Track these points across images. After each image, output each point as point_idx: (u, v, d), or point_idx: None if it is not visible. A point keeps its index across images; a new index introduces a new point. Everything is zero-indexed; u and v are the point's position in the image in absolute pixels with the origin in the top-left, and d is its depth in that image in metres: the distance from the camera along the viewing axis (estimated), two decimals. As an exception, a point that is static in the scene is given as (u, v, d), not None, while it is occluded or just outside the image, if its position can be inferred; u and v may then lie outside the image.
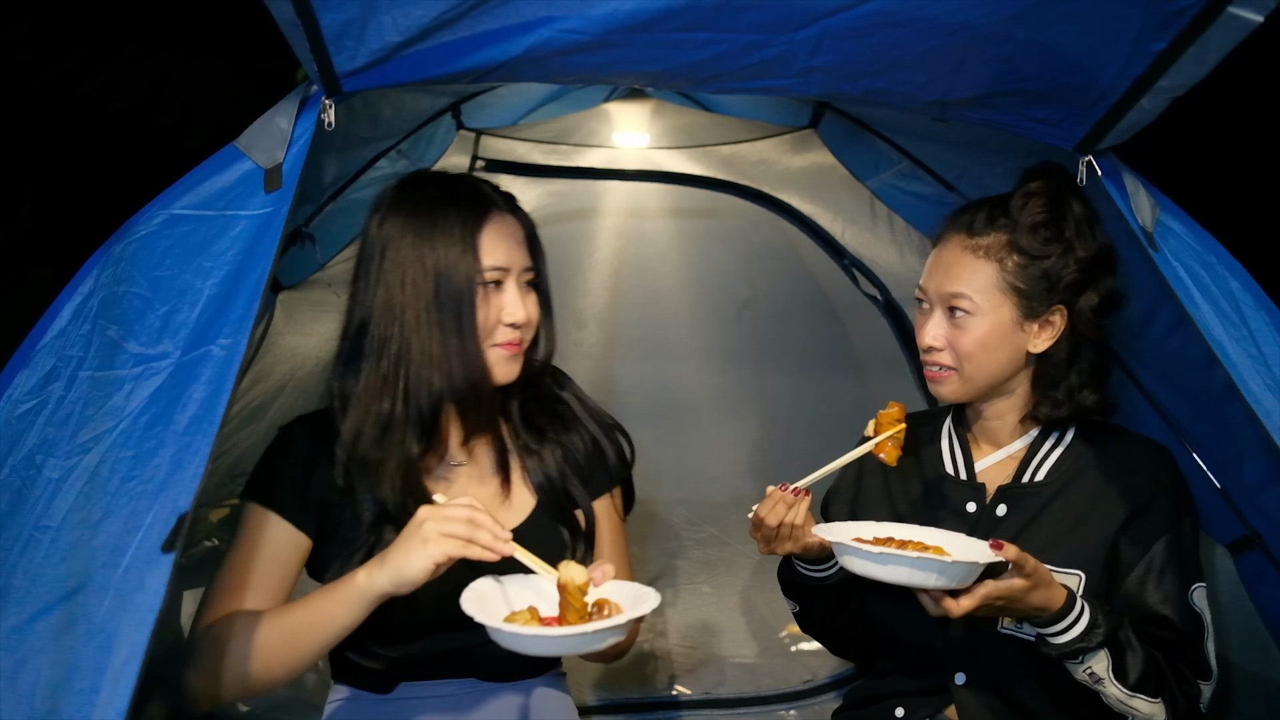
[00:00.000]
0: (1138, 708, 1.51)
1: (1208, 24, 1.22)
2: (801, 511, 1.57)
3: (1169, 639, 1.56)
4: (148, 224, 1.33)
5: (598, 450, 1.69)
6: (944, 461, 1.74)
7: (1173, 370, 1.75)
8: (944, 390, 1.65)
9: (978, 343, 1.60)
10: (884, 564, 1.41)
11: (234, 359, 1.19)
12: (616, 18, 1.26)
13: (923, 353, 1.65)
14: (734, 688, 2.63)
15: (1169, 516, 1.59)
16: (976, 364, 1.61)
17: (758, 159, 2.72)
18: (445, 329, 1.49)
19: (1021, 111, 1.48)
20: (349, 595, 1.36)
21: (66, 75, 4.08)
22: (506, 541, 1.34)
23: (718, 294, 3.19)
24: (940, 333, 1.62)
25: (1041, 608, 1.45)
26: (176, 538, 1.10)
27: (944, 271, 1.62)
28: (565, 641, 1.31)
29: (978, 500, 1.67)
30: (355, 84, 1.35)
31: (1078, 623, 1.47)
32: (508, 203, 1.59)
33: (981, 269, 1.60)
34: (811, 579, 1.73)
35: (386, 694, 1.58)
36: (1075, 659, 1.49)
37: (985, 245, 1.60)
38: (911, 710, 1.67)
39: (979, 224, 1.62)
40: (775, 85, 1.44)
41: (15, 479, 1.21)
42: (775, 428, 3.24)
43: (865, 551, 1.42)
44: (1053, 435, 1.69)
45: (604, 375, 3.19)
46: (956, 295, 1.60)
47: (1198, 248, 1.49)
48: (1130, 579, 1.58)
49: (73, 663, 1.06)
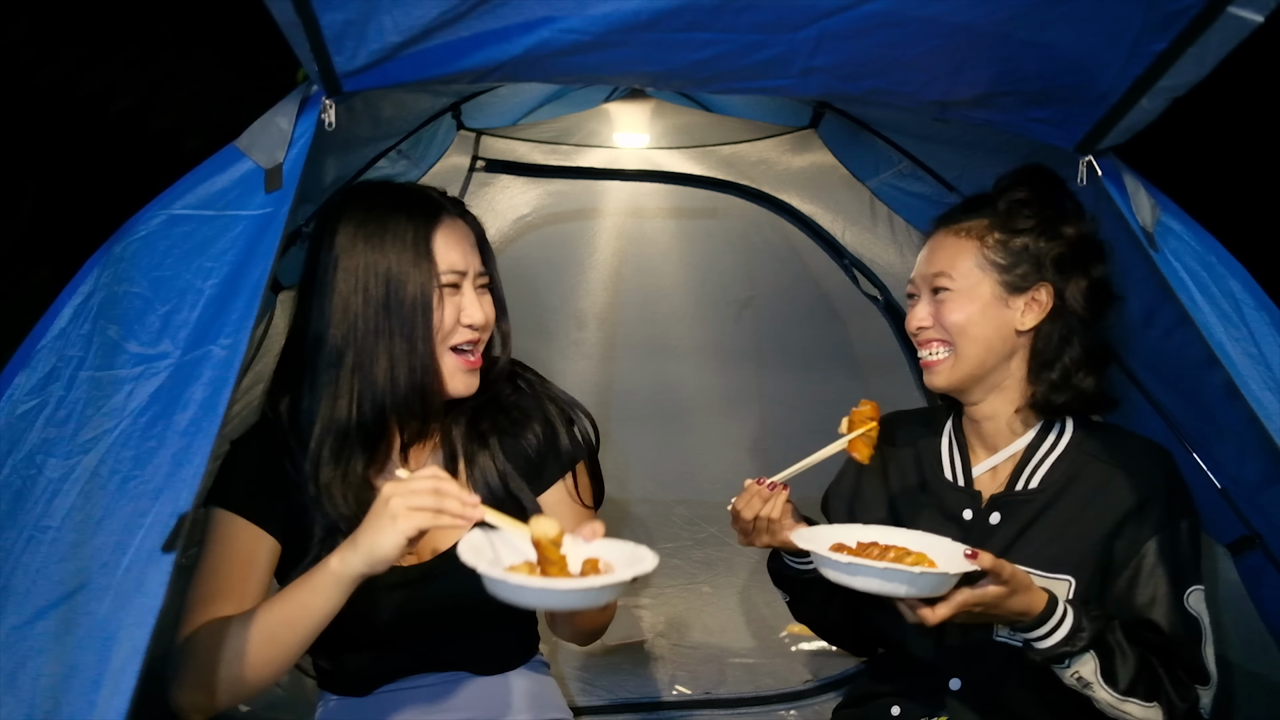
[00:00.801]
0: (1130, 712, 1.50)
1: (1208, 24, 1.22)
2: (778, 506, 1.59)
3: (1159, 643, 1.54)
4: (148, 224, 1.33)
5: (550, 437, 1.67)
6: (943, 465, 1.74)
7: (1173, 370, 1.75)
8: (938, 378, 1.66)
9: (964, 315, 1.62)
10: (854, 575, 1.40)
11: (234, 359, 1.20)
12: (617, 18, 1.26)
13: (914, 338, 1.69)
14: (734, 688, 2.63)
15: (1160, 518, 1.58)
16: (967, 338, 1.62)
17: (758, 159, 2.73)
18: (397, 335, 1.49)
19: (1022, 111, 1.48)
20: (324, 583, 1.33)
21: (67, 75, 4.08)
22: (475, 506, 1.30)
23: (718, 294, 3.19)
24: (926, 313, 1.66)
25: (1022, 613, 1.45)
26: (176, 538, 1.10)
27: (928, 257, 1.68)
28: (569, 596, 1.25)
29: (973, 507, 1.67)
30: (356, 84, 1.35)
31: (1059, 627, 1.46)
32: (457, 207, 1.60)
33: (963, 248, 1.65)
34: (797, 571, 1.76)
35: (366, 695, 1.61)
36: (1060, 663, 1.48)
37: (967, 227, 1.66)
38: (907, 711, 1.67)
39: (961, 211, 1.70)
40: (775, 85, 1.44)
41: (15, 479, 1.21)
42: (775, 428, 3.24)
43: (835, 562, 1.41)
44: (1049, 436, 1.67)
45: (604, 375, 3.19)
46: (938, 274, 1.64)
47: (1198, 248, 1.49)
48: (1119, 581, 1.57)
49: (73, 663, 1.06)
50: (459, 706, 1.62)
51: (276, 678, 1.41)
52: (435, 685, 1.61)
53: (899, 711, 1.68)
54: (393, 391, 1.50)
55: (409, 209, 1.53)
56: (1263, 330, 1.45)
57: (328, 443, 1.50)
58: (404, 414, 1.53)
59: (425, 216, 1.53)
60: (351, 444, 1.51)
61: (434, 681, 1.61)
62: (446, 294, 1.52)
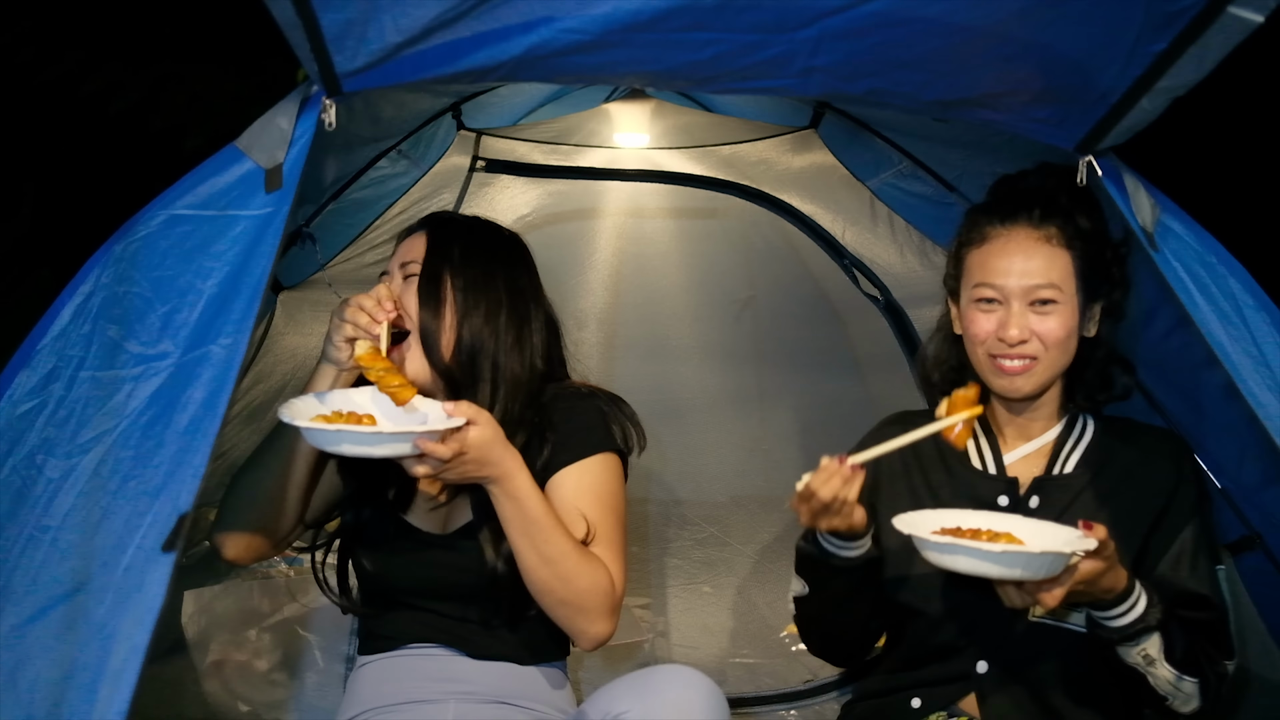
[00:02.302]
0: (1183, 689, 1.53)
1: (1208, 24, 1.22)
2: (855, 488, 1.51)
3: (1203, 619, 1.58)
4: (148, 224, 1.33)
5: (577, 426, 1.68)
6: (970, 456, 1.73)
7: (1173, 370, 1.75)
8: (1024, 383, 1.62)
9: (1066, 329, 1.61)
10: (976, 559, 1.38)
11: (234, 359, 1.20)
12: (617, 18, 1.26)
13: (1003, 345, 1.61)
14: (734, 687, 2.63)
15: (1194, 503, 1.63)
16: (1061, 350, 1.62)
17: (758, 159, 2.72)
18: None
19: (1022, 111, 1.48)
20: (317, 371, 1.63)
21: (67, 75, 4.08)
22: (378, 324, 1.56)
23: (718, 294, 3.19)
24: (1024, 324, 1.60)
25: (1109, 589, 1.46)
26: (176, 537, 1.10)
27: (1024, 266, 1.60)
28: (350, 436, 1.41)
29: (1010, 493, 1.67)
30: (356, 84, 1.35)
31: (1138, 604, 1.48)
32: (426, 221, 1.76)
33: (1059, 256, 1.61)
34: (840, 557, 1.65)
35: (389, 651, 1.71)
36: (1133, 641, 1.50)
37: (1053, 234, 1.61)
38: (929, 700, 1.66)
39: (1038, 217, 1.62)
40: (775, 85, 1.44)
41: (16, 479, 1.21)
42: (775, 428, 3.23)
43: (959, 547, 1.38)
44: (1077, 427, 1.71)
45: (604, 375, 3.19)
46: (1044, 285, 1.59)
47: (1198, 248, 1.49)
48: (1164, 563, 1.60)
49: (73, 662, 1.06)
50: (473, 679, 1.67)
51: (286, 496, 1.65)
52: (450, 658, 1.68)
53: (920, 704, 1.67)
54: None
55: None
56: (1263, 330, 1.45)
57: None
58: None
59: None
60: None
61: (450, 654, 1.68)
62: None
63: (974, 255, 1.66)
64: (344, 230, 2.28)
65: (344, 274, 2.40)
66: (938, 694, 1.66)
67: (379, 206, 2.31)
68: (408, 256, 1.68)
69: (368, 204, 2.26)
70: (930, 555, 1.44)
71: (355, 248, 2.36)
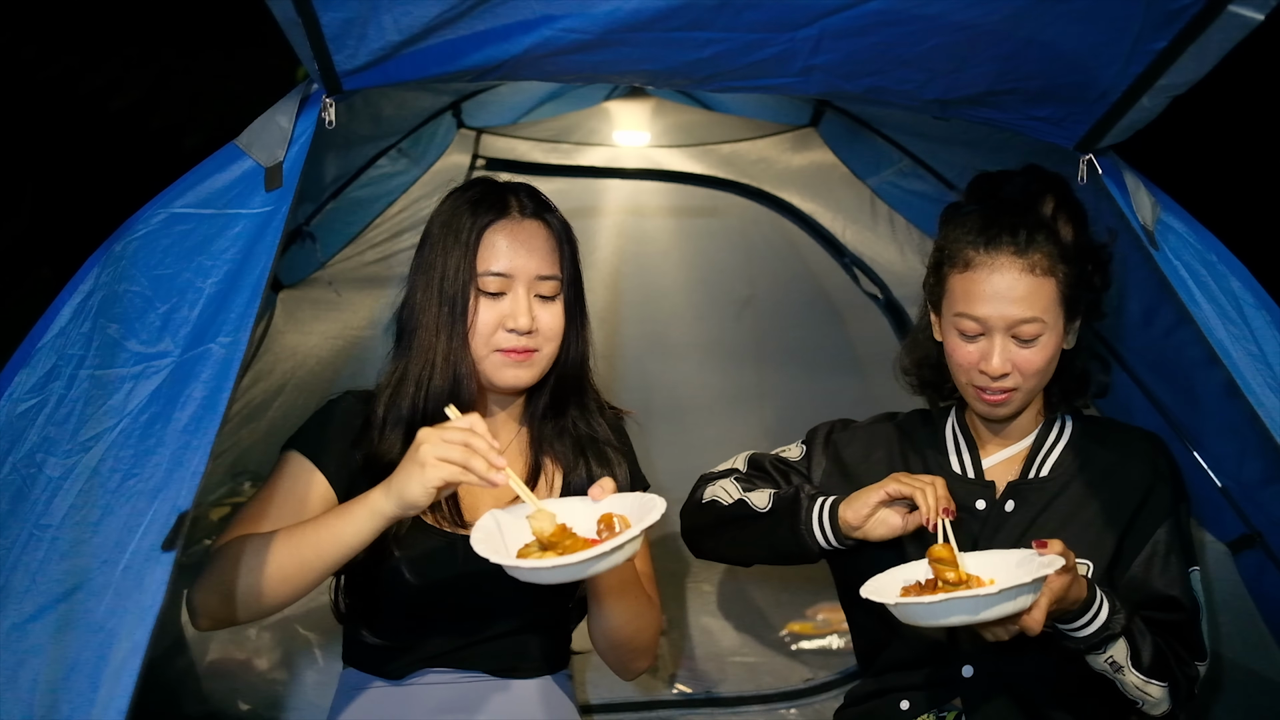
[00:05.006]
0: (1151, 693, 1.54)
1: (1208, 23, 1.22)
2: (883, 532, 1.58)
3: (1172, 621, 1.58)
4: (148, 222, 1.33)
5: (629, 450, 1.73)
6: (949, 460, 1.74)
7: (1173, 369, 1.75)
8: (1004, 410, 1.63)
9: (1048, 358, 1.59)
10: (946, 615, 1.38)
11: (234, 358, 1.19)
12: (617, 16, 1.26)
13: (985, 377, 1.59)
14: (734, 686, 2.63)
15: (1168, 504, 1.63)
16: (1042, 377, 1.61)
17: (758, 157, 2.72)
18: (442, 330, 1.52)
19: (1022, 110, 1.48)
20: (359, 513, 1.35)
21: (67, 73, 4.07)
22: (500, 470, 1.29)
23: (718, 293, 3.19)
24: (1004, 359, 1.57)
25: (1075, 599, 1.45)
26: (176, 536, 1.10)
27: (1007, 298, 1.55)
28: (577, 568, 1.25)
29: (987, 498, 1.67)
30: (356, 82, 1.35)
31: (1100, 612, 1.48)
32: (535, 209, 1.59)
33: (1043, 287, 1.56)
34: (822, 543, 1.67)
35: (396, 680, 1.59)
36: (1099, 649, 1.50)
37: (1037, 262, 1.56)
38: (917, 702, 1.67)
39: (1023, 242, 1.56)
40: (776, 84, 1.44)
41: (15, 477, 1.21)
42: (775, 427, 3.23)
43: (922, 608, 1.38)
44: (1055, 430, 1.70)
45: (604, 374, 3.19)
46: (1028, 320, 1.55)
47: (1198, 246, 1.49)
48: (1135, 564, 1.60)
49: (72, 661, 1.06)
50: (474, 706, 1.59)
51: (290, 600, 1.42)
52: (456, 684, 1.59)
53: (908, 706, 1.67)
54: (430, 381, 1.53)
55: (477, 207, 1.55)
56: (1263, 329, 1.45)
57: (388, 417, 1.55)
58: (444, 403, 1.51)
59: (485, 216, 1.54)
60: (403, 421, 1.54)
61: (455, 679, 1.59)
62: (486, 299, 1.52)
63: (956, 279, 1.60)
64: (344, 229, 2.29)
65: (344, 272, 2.40)
66: (925, 696, 1.67)
67: (379, 205, 2.32)
68: (529, 270, 1.54)
69: (368, 202, 2.26)
70: (920, 620, 1.42)
71: (355, 246, 2.37)
